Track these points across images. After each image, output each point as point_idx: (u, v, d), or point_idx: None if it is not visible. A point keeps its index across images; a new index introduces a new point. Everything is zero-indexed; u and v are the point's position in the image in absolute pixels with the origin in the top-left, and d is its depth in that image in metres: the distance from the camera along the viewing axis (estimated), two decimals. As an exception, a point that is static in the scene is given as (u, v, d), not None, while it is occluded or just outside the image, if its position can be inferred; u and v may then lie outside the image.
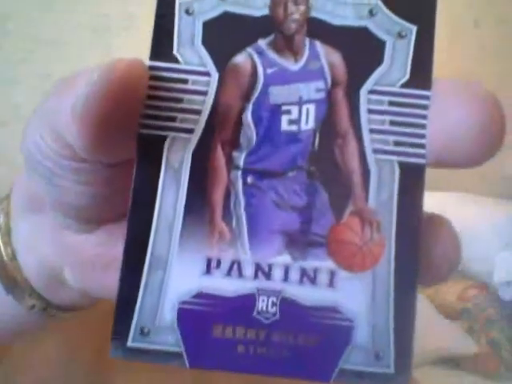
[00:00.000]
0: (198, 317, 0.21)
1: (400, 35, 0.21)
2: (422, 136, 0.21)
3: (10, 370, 0.43)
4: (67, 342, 0.44)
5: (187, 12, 0.21)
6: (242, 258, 0.21)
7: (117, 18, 1.65)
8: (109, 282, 0.22)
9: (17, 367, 0.43)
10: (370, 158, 0.21)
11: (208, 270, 0.21)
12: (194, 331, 0.21)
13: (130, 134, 0.21)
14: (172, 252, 0.21)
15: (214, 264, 0.21)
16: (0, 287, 0.28)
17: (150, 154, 0.21)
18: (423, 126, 0.21)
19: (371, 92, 0.21)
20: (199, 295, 0.21)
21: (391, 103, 0.21)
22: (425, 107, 0.21)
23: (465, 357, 1.37)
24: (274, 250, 0.21)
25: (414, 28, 0.21)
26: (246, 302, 0.21)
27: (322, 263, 0.21)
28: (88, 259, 0.25)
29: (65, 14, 1.62)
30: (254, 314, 0.21)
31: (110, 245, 0.24)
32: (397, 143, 0.21)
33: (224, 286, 0.21)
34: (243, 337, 0.21)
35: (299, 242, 0.21)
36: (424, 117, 0.21)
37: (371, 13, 0.21)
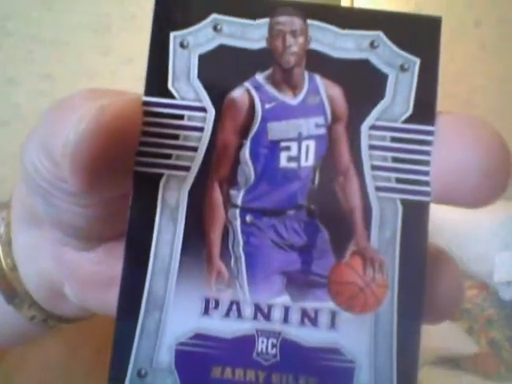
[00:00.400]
0: (196, 358, 0.20)
1: (403, 68, 0.21)
2: (426, 173, 0.20)
3: (10, 371, 0.43)
4: (67, 342, 0.44)
5: (182, 45, 0.21)
6: (241, 298, 0.20)
7: (117, 18, 1.64)
8: (108, 300, 0.22)
9: (17, 368, 0.43)
10: (372, 195, 0.21)
11: (206, 311, 0.20)
12: (193, 373, 0.20)
13: (124, 172, 0.20)
14: (169, 292, 0.20)
15: (212, 304, 0.20)
16: (0, 297, 0.28)
17: (145, 192, 0.20)
18: (427, 163, 0.20)
19: (373, 128, 0.20)
20: (197, 336, 0.20)
21: (393, 139, 0.21)
22: (428, 143, 0.20)
23: (465, 357, 1.37)
24: (274, 290, 0.21)
25: (418, 60, 0.21)
26: (246, 343, 0.20)
27: (322, 304, 0.20)
28: (87, 277, 0.24)
29: (65, 14, 1.62)
30: (254, 355, 0.20)
31: (109, 263, 0.24)
32: (399, 180, 0.21)
33: (222, 327, 0.20)
34: (243, 378, 0.20)
35: (299, 282, 0.21)
36: (428, 153, 0.20)
37: (372, 45, 0.21)
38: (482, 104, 1.70)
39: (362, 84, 0.21)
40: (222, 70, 0.21)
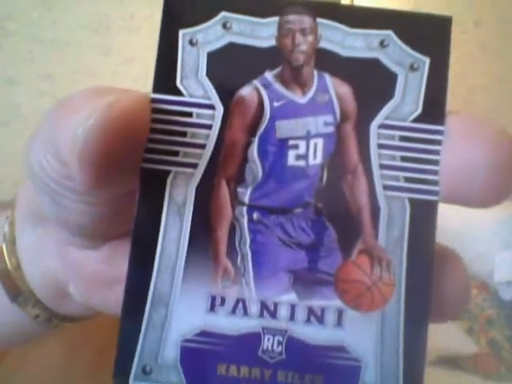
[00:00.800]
0: (202, 355, 0.20)
1: (412, 67, 0.21)
2: (435, 172, 0.20)
3: (11, 371, 0.43)
4: (68, 342, 0.44)
5: (191, 43, 0.21)
6: (247, 295, 0.20)
7: (117, 18, 1.64)
8: (113, 299, 0.22)
9: (17, 368, 0.43)
10: (380, 194, 0.20)
11: (212, 308, 0.20)
12: (198, 370, 0.20)
13: (132, 169, 0.20)
14: (175, 289, 0.20)
15: (218, 302, 0.20)
16: (4, 296, 0.28)
17: (152, 188, 0.20)
18: (436, 162, 0.20)
19: (382, 126, 0.20)
20: (203, 333, 0.20)
21: (402, 138, 0.21)
22: (438, 142, 0.20)
23: (465, 357, 1.37)
24: (280, 288, 0.21)
25: (427, 60, 0.21)
26: (251, 340, 0.20)
27: (329, 302, 0.20)
28: (91, 275, 0.24)
29: (65, 14, 1.62)
30: (259, 353, 0.20)
31: (114, 262, 0.24)
32: (408, 179, 0.21)
33: (228, 324, 0.20)
34: (248, 376, 0.20)
35: (306, 280, 0.21)
36: (437, 152, 0.20)
37: (382, 44, 0.21)
38: (482, 104, 1.70)
39: (371, 83, 0.21)
40: (231, 68, 0.21)
